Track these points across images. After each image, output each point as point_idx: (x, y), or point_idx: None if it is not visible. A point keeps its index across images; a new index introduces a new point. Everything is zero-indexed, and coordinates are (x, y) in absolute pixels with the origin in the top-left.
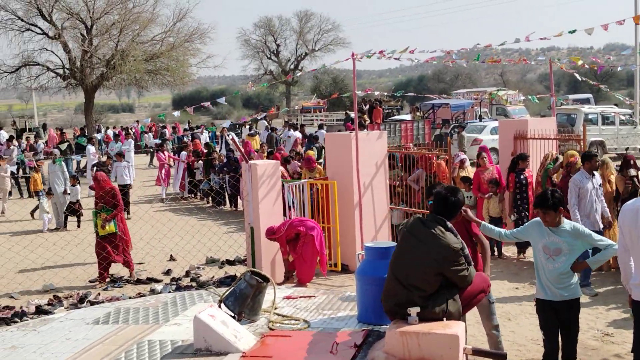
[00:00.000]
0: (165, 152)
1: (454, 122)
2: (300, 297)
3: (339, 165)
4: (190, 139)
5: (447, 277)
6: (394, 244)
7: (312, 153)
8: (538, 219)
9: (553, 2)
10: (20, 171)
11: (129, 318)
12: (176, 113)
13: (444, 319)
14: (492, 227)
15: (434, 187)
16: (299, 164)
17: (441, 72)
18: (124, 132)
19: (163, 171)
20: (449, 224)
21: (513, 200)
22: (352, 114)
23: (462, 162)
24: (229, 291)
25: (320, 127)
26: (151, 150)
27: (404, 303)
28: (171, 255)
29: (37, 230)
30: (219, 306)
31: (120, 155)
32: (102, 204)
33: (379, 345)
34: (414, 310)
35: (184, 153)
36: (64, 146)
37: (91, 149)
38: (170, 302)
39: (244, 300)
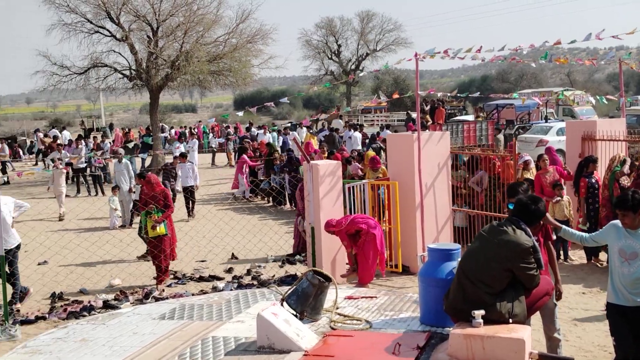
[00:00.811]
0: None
1: (518, 122)
2: (362, 297)
3: (401, 165)
4: (251, 139)
5: (515, 275)
6: (458, 246)
7: (372, 153)
8: (616, 221)
9: (623, 0)
10: (89, 169)
11: (194, 314)
12: (240, 113)
13: (510, 320)
14: (574, 231)
15: (514, 189)
16: (360, 165)
17: (505, 71)
18: (187, 132)
19: (241, 171)
20: (523, 224)
21: (586, 206)
22: (414, 115)
23: (526, 163)
24: (291, 290)
25: (387, 127)
26: (214, 150)
27: (470, 300)
28: (233, 253)
29: (105, 227)
30: (281, 304)
31: (184, 156)
32: (154, 204)
33: (442, 348)
34: (478, 313)
35: (244, 155)
36: (130, 145)
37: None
38: (233, 300)
39: (306, 299)
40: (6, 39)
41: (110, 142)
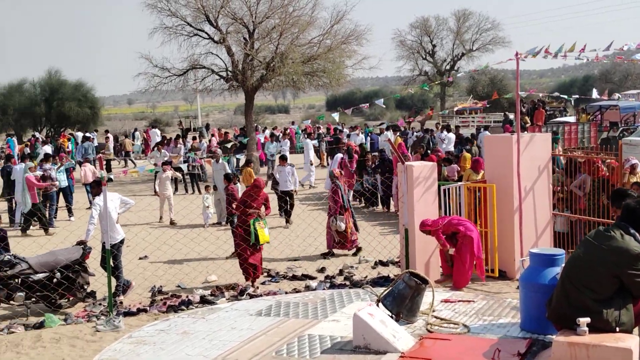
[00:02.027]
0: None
1: (623, 125)
2: (459, 301)
3: (499, 168)
4: (345, 139)
5: (623, 282)
6: (562, 251)
7: (469, 156)
8: None
9: None
10: (187, 168)
11: (290, 312)
12: (335, 114)
13: (617, 329)
14: None
15: (621, 193)
16: (458, 167)
17: (609, 71)
18: (281, 133)
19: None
20: (632, 230)
21: None
22: (511, 116)
23: (633, 167)
24: (387, 291)
25: (485, 128)
26: (318, 149)
27: (574, 306)
28: (324, 253)
29: (202, 224)
30: (377, 305)
31: (284, 159)
32: (255, 211)
33: (544, 355)
34: (583, 321)
35: (339, 155)
36: (229, 145)
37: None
38: (328, 299)
39: (402, 301)
40: (111, 42)
41: (206, 142)
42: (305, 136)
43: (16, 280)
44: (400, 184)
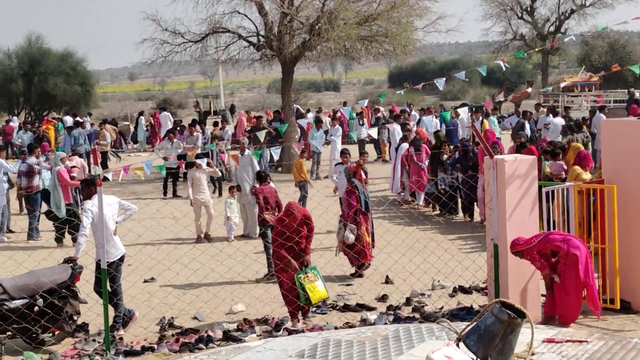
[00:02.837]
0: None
1: None
2: (567, 341)
3: (621, 163)
4: (413, 125)
5: None
6: None
7: (579, 146)
8: None
9: None
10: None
11: (341, 353)
12: (400, 91)
13: None
14: None
15: None
16: (563, 162)
17: None
18: (329, 117)
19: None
20: None
21: None
22: (638, 93)
23: None
24: (471, 327)
25: (601, 109)
26: (366, 141)
27: None
28: (387, 276)
29: (225, 238)
30: (457, 346)
31: (346, 153)
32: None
33: None
34: None
35: (404, 145)
36: (261, 134)
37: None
38: (392, 337)
39: (490, 339)
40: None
41: (232, 129)
42: (360, 122)
43: None
44: (487, 184)
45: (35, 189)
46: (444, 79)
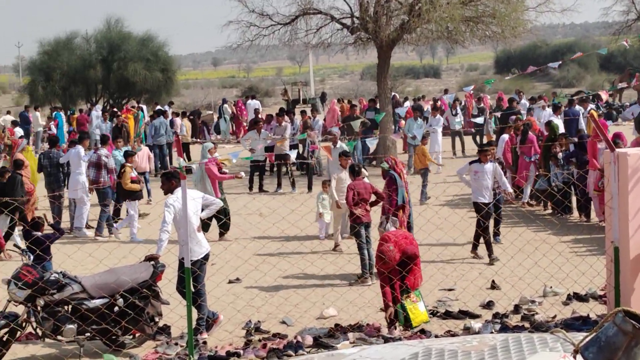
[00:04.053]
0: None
1: None
2: None
3: None
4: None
5: None
6: None
7: None
8: None
9: None
10: (294, 156)
11: None
12: (509, 76)
13: None
14: None
15: None
16: None
17: None
18: (429, 106)
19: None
20: None
21: None
22: None
23: None
24: (590, 338)
25: None
26: (472, 132)
27: None
28: (493, 281)
29: (316, 236)
30: (574, 358)
31: (486, 151)
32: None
33: None
34: None
35: (504, 136)
36: (356, 124)
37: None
38: (501, 347)
39: (612, 352)
40: None
41: (322, 119)
42: (453, 112)
43: (66, 307)
44: (607, 181)
45: (104, 183)
46: (558, 63)
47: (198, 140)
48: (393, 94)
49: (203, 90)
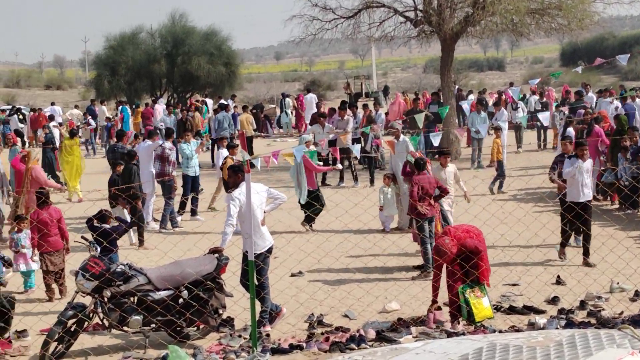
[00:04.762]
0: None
1: None
2: None
3: None
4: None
5: None
6: None
7: None
8: None
9: None
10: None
11: (509, 359)
12: (577, 69)
13: None
14: None
15: None
16: None
17: None
18: (493, 99)
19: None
20: None
21: None
22: None
23: None
24: None
25: None
26: (538, 125)
27: None
28: (558, 276)
29: (380, 229)
30: None
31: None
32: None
33: None
34: None
35: (569, 130)
36: (420, 117)
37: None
38: (567, 343)
39: None
40: None
41: (384, 112)
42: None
43: (132, 299)
44: None
45: (169, 176)
46: (627, 56)
47: (261, 134)
48: (457, 87)
49: (265, 84)
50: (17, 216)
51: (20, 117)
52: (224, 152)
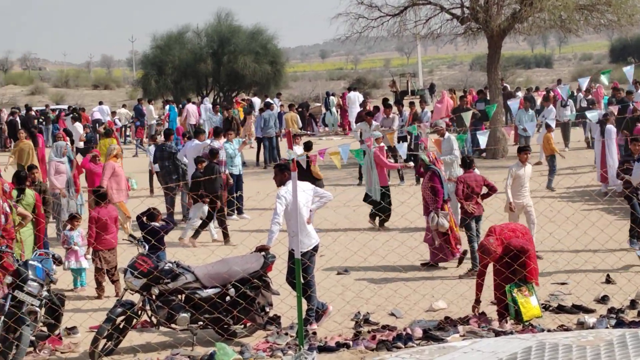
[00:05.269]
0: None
1: None
2: None
3: None
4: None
5: None
6: None
7: None
8: None
9: None
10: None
11: (558, 358)
12: (628, 68)
13: None
14: None
15: None
16: None
17: None
18: (541, 97)
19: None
20: None
21: None
22: None
23: None
24: None
25: None
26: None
27: None
28: (608, 275)
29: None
30: None
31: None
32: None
33: None
34: None
35: (609, 127)
36: (467, 115)
37: None
38: (617, 342)
39: None
40: None
41: (430, 110)
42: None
43: (179, 296)
44: None
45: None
46: None
47: (307, 132)
48: (505, 85)
49: (311, 83)
50: (71, 215)
51: (76, 116)
52: (298, 149)
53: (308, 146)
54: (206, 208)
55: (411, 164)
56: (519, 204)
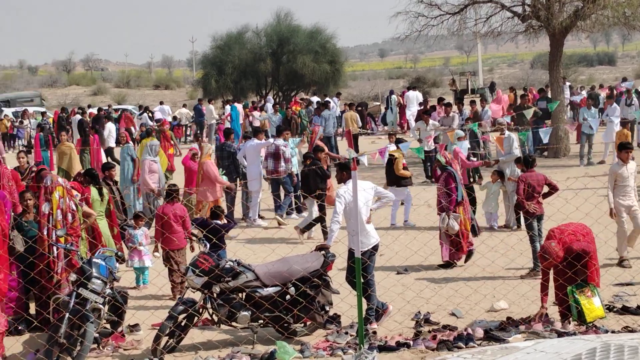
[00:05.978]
0: None
1: None
2: None
3: None
4: None
5: None
6: None
7: None
8: None
9: None
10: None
11: (624, 359)
12: None
13: None
14: None
15: None
16: None
17: None
18: (605, 94)
19: None
20: None
21: None
22: None
23: None
24: None
25: None
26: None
27: None
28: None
29: (489, 227)
30: None
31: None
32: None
33: None
34: None
35: None
36: (528, 113)
37: None
38: None
39: None
40: None
41: (490, 109)
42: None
43: (240, 295)
44: None
45: (282, 174)
46: None
47: (366, 131)
48: (568, 84)
49: (370, 82)
50: (136, 214)
51: (150, 115)
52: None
53: (398, 142)
54: (316, 205)
55: (492, 161)
56: (624, 205)
